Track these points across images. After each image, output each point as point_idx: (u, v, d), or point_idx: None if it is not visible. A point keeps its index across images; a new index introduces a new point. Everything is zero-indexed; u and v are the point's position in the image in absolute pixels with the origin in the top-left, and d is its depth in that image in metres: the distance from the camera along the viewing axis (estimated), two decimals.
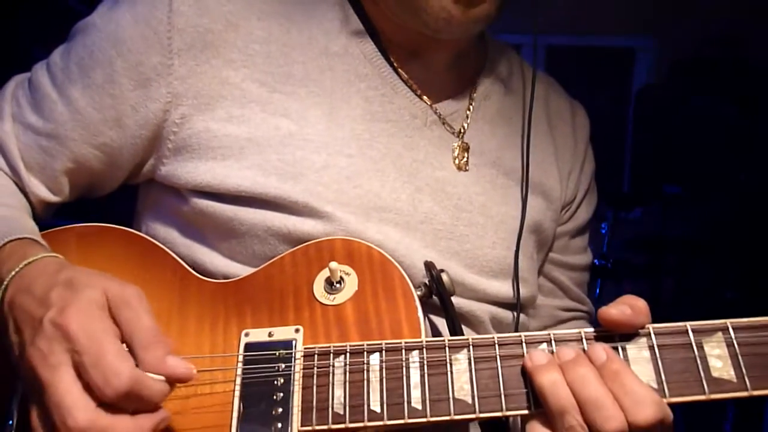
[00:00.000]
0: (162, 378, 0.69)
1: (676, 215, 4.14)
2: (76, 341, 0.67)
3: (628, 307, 0.75)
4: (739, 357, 0.73)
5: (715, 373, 0.73)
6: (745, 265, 3.73)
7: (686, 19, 4.70)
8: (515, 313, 1.03)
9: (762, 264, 3.58)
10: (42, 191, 0.96)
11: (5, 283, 0.77)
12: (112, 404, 0.67)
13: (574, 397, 0.70)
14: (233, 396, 0.78)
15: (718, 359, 0.73)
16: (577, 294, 1.18)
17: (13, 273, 0.77)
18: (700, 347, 0.74)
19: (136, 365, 0.69)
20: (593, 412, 0.69)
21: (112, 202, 1.06)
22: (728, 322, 0.75)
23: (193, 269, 0.91)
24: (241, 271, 0.90)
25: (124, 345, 0.71)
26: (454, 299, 0.90)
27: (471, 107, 1.04)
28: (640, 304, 0.76)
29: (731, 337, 0.74)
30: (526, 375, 0.74)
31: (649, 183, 4.36)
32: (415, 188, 0.96)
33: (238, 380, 0.79)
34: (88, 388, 0.67)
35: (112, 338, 0.69)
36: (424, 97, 1.00)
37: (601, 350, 0.73)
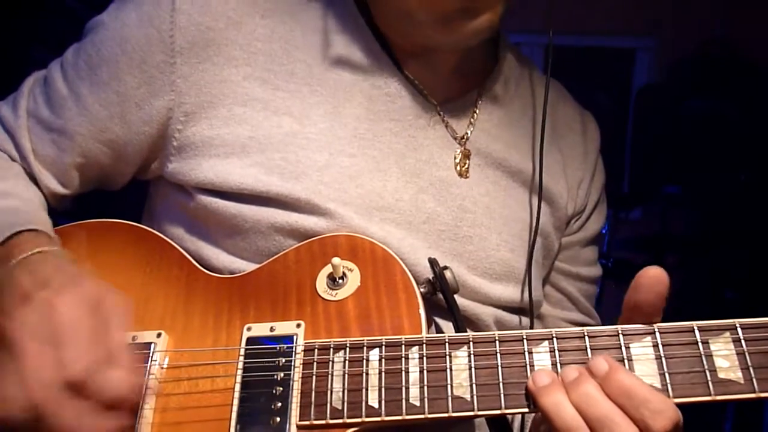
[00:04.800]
0: (117, 380, 0.69)
1: (676, 215, 4.13)
2: (57, 322, 0.70)
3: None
4: (747, 357, 0.72)
5: (721, 374, 0.71)
6: (745, 265, 3.72)
7: (686, 19, 4.70)
8: (521, 317, 1.02)
9: (762, 264, 3.58)
10: (53, 184, 0.98)
11: (15, 261, 0.79)
12: (69, 389, 0.68)
13: (581, 416, 0.69)
14: (233, 390, 0.79)
15: (724, 359, 0.72)
16: (586, 307, 1.17)
17: (24, 255, 0.80)
18: (707, 347, 0.73)
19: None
20: (602, 430, 0.68)
21: (122, 197, 1.08)
22: (736, 321, 0.73)
23: (200, 265, 0.92)
24: (246, 267, 0.91)
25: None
26: (459, 301, 0.90)
27: (477, 109, 1.03)
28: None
29: (739, 337, 0.72)
30: (527, 373, 0.74)
31: (649, 183, 4.35)
32: (418, 188, 0.95)
33: (239, 374, 0.80)
34: (48, 365, 0.68)
35: (86, 332, 0.71)
36: (429, 96, 1.00)
37: (603, 361, 0.72)
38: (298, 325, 0.82)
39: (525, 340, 0.76)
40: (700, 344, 0.73)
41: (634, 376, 0.71)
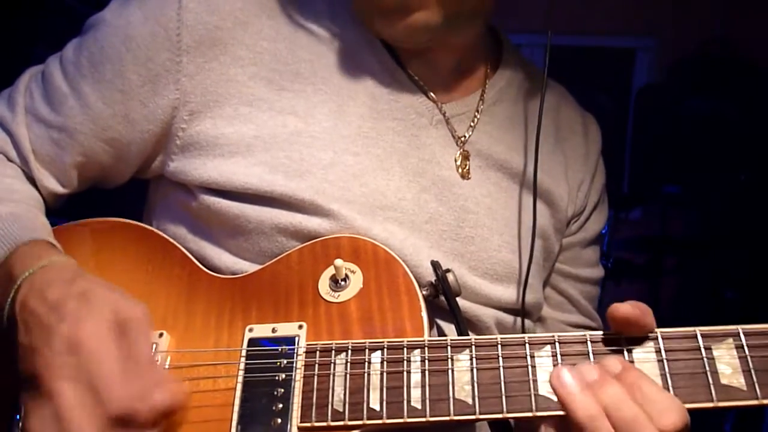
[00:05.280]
0: (156, 404, 0.70)
1: (676, 215, 4.14)
2: (83, 358, 0.70)
3: (637, 306, 0.73)
4: (750, 364, 0.71)
5: (723, 380, 0.71)
6: (745, 265, 3.73)
7: (686, 19, 4.70)
8: (522, 318, 1.02)
9: (762, 264, 3.58)
10: (51, 183, 0.98)
11: (18, 282, 0.78)
12: (112, 424, 0.69)
13: (608, 418, 0.68)
14: (234, 391, 0.79)
15: (727, 366, 0.72)
16: (587, 309, 1.16)
17: (26, 274, 0.79)
18: (709, 352, 0.72)
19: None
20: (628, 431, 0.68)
21: (123, 196, 1.07)
22: (739, 328, 0.73)
23: (202, 265, 0.91)
24: (249, 268, 0.90)
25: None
26: (460, 302, 0.90)
27: (479, 111, 1.03)
28: (644, 306, 0.74)
29: (742, 343, 0.72)
30: (529, 377, 0.74)
31: (649, 183, 4.36)
32: (420, 188, 0.96)
33: (240, 375, 0.79)
34: (87, 406, 0.69)
35: (114, 361, 0.71)
36: (432, 95, 1.00)
37: (615, 361, 0.72)
38: (300, 327, 0.82)
39: (527, 345, 0.76)
40: (702, 350, 0.73)
41: (646, 376, 0.71)
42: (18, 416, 0.80)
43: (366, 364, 0.77)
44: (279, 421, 0.76)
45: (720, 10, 4.57)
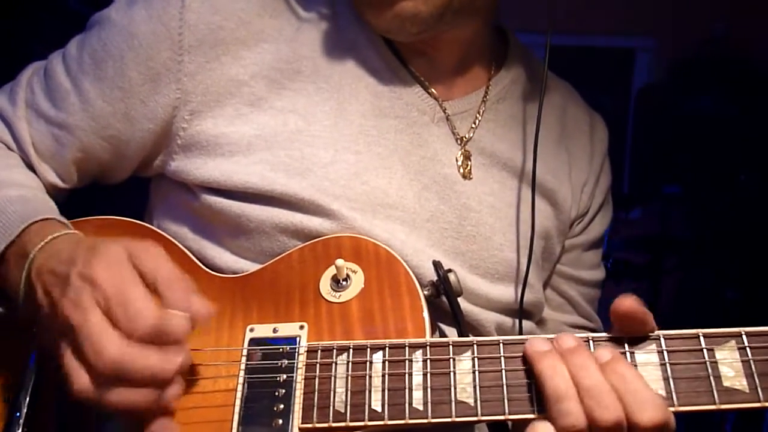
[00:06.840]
0: (185, 315, 0.71)
1: (676, 215, 4.13)
2: (103, 288, 0.70)
3: (639, 302, 0.73)
4: (752, 366, 0.71)
5: (726, 383, 0.71)
6: (746, 265, 3.72)
7: (686, 19, 4.69)
8: (520, 318, 1.02)
9: (762, 264, 3.58)
10: (52, 177, 0.98)
11: (32, 255, 0.79)
12: (140, 341, 0.69)
13: (574, 384, 0.69)
14: (236, 391, 0.78)
15: (729, 368, 0.71)
16: (587, 311, 1.16)
17: (40, 245, 0.79)
18: (712, 354, 0.72)
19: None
20: (590, 399, 0.68)
21: (124, 194, 1.07)
22: (742, 330, 0.73)
23: (203, 264, 0.91)
24: (250, 267, 0.91)
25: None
26: (461, 306, 0.90)
27: (483, 108, 1.03)
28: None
29: (744, 345, 0.72)
30: (531, 378, 0.73)
31: (649, 183, 4.35)
32: (422, 186, 0.95)
33: (241, 375, 0.79)
34: (117, 327, 0.69)
35: (135, 283, 0.72)
36: (433, 91, 1.00)
37: (607, 351, 0.72)
38: (302, 327, 0.82)
39: None
40: (705, 352, 0.73)
41: (634, 369, 0.71)
42: (18, 413, 0.79)
43: (367, 364, 0.77)
44: (280, 421, 0.76)
45: (720, 10, 4.57)
